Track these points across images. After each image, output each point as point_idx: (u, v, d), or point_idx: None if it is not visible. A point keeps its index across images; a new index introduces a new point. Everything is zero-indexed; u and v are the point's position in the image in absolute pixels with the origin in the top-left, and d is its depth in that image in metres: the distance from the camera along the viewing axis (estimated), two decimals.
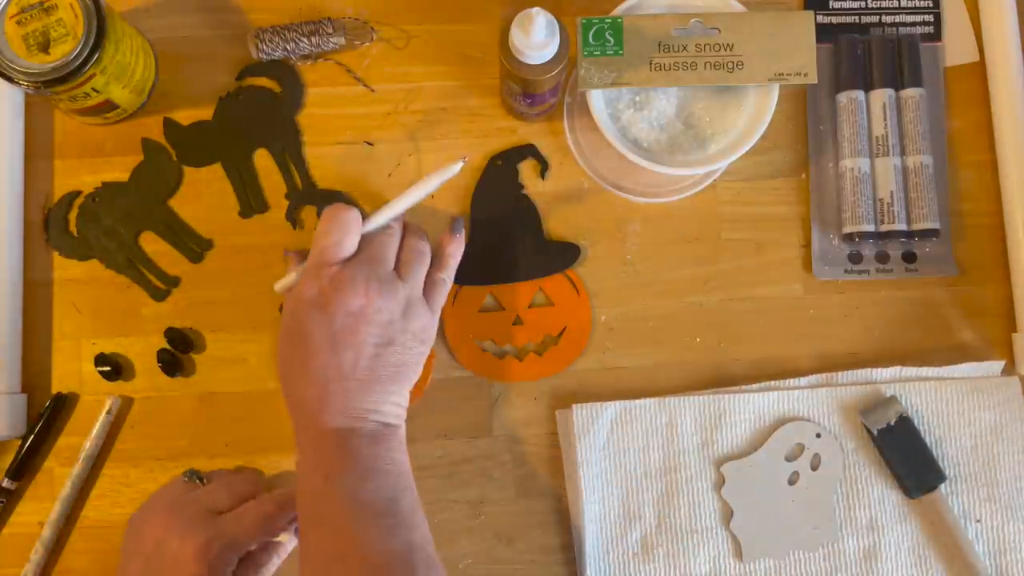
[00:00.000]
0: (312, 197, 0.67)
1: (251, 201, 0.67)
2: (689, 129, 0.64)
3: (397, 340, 0.55)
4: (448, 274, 0.61)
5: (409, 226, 0.61)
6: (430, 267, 0.60)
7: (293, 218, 0.67)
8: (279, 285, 0.60)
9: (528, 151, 0.68)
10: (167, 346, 0.65)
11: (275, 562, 0.58)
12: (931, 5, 0.70)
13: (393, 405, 0.56)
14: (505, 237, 0.67)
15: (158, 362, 0.65)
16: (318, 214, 0.67)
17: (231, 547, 0.53)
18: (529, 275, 0.66)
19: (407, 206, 0.59)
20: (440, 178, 0.59)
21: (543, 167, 0.67)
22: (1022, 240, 0.66)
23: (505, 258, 0.66)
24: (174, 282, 0.66)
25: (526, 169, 0.68)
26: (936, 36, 0.70)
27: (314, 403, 0.54)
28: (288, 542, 0.58)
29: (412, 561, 0.49)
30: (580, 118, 0.67)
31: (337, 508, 0.51)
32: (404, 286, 0.57)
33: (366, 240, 0.57)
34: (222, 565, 0.52)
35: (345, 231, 0.56)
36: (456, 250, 0.62)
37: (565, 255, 0.67)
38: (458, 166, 0.59)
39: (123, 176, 0.67)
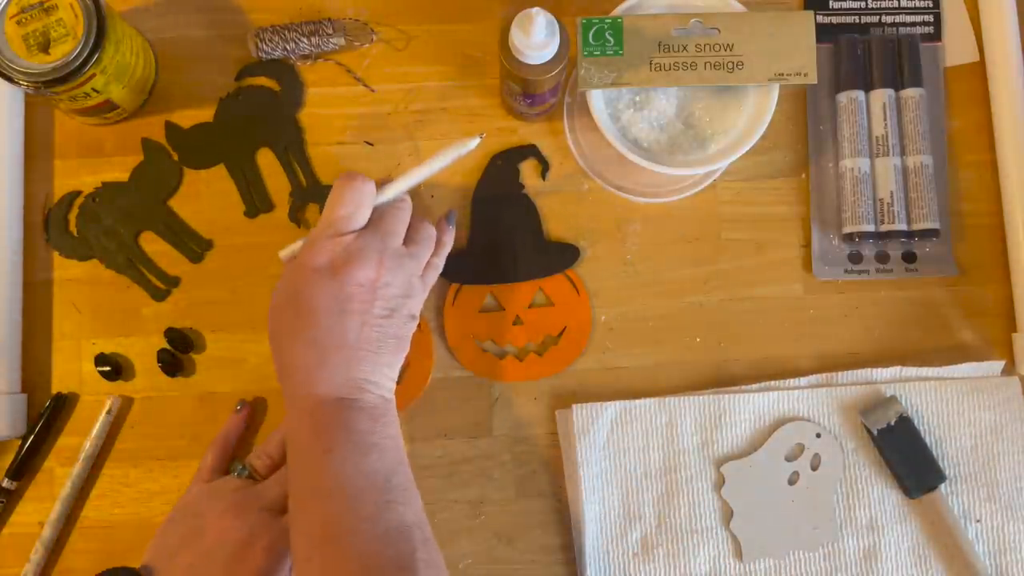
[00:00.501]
0: (315, 195, 0.67)
1: (256, 201, 0.67)
2: (689, 129, 0.64)
3: (396, 314, 0.55)
4: (442, 259, 0.62)
5: (416, 215, 0.60)
6: None
7: (297, 218, 0.67)
8: (284, 252, 0.59)
9: (529, 151, 0.68)
10: (167, 346, 0.65)
11: None
12: (931, 5, 0.70)
13: (389, 379, 0.56)
14: (505, 237, 0.67)
15: (158, 362, 0.65)
16: (321, 209, 0.67)
17: None
18: (529, 275, 0.66)
19: (421, 179, 0.58)
20: (455, 152, 0.58)
21: (544, 167, 0.67)
22: (1022, 240, 0.66)
23: (505, 258, 0.66)
24: (174, 282, 0.66)
25: (526, 169, 0.68)
26: (936, 36, 0.70)
27: (312, 369, 0.53)
28: None
29: (410, 539, 0.49)
30: (580, 118, 0.67)
31: (336, 483, 0.51)
32: (411, 261, 0.57)
33: (378, 212, 0.57)
34: (286, 561, 0.56)
35: (359, 202, 0.55)
36: (450, 239, 0.63)
37: (564, 256, 0.67)
38: (474, 142, 0.58)
39: (123, 176, 0.67)
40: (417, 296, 0.57)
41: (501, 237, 0.67)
